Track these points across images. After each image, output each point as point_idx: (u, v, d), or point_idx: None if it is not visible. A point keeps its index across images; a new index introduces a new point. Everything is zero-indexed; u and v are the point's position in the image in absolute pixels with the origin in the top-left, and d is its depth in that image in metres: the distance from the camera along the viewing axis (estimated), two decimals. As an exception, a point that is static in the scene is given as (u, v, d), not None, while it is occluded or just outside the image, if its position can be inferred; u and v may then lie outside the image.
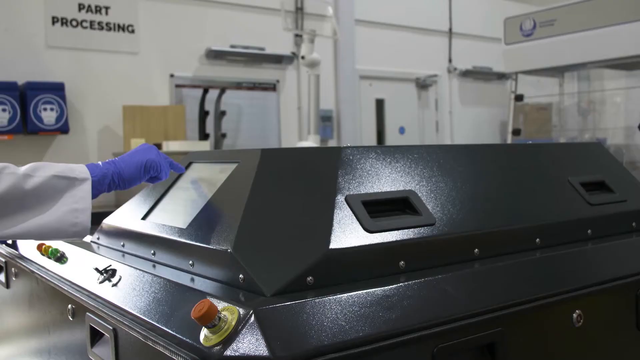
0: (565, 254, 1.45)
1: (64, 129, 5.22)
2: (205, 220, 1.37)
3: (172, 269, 1.41)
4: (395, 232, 1.30)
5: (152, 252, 1.51)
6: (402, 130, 7.97)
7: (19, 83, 5.10)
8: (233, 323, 1.01)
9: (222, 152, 1.68)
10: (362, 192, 1.35)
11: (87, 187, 1.37)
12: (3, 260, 2.14)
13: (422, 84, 8.14)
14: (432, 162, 1.54)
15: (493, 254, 1.41)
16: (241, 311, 1.02)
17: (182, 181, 1.70)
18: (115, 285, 1.39)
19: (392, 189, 1.41)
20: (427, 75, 8.13)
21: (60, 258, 1.73)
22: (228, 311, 1.03)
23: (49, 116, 5.13)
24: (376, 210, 1.33)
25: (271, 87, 6.80)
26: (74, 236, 1.36)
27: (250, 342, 0.98)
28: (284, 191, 1.35)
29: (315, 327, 1.03)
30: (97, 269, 1.48)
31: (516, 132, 5.81)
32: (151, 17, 5.94)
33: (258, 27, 6.60)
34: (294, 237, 1.22)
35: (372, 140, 7.67)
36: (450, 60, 8.37)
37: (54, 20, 5.43)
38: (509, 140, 5.84)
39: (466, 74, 8.49)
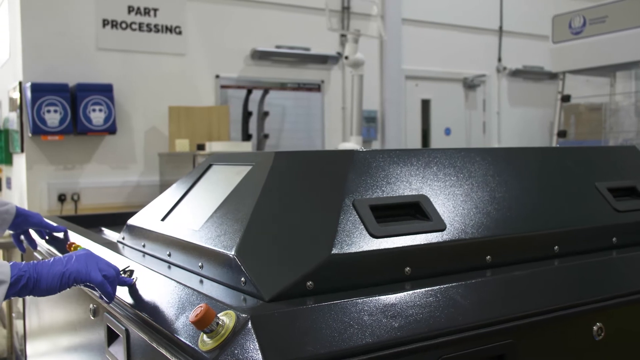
0: (587, 263, 1.40)
1: (111, 130, 5.35)
2: (216, 223, 1.39)
3: (185, 270, 1.44)
4: (402, 237, 1.27)
5: (168, 253, 1.53)
6: (447, 131, 7.86)
7: (70, 85, 5.26)
8: (230, 328, 1.01)
9: (241, 155, 1.70)
10: (372, 196, 1.34)
11: (1, 291, 1.21)
12: (41, 258, 2.22)
13: (470, 84, 8.00)
14: (448, 166, 1.51)
15: (506, 261, 1.37)
16: (238, 317, 1.02)
17: (201, 183, 1.73)
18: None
19: (404, 194, 1.39)
20: (475, 75, 7.99)
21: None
22: (226, 316, 1.03)
23: (97, 117, 5.27)
24: (385, 215, 1.32)
25: (316, 87, 6.80)
26: None
27: (245, 348, 0.97)
28: (293, 194, 1.35)
29: (313, 334, 1.02)
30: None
31: (562, 133, 5.62)
32: (198, 18, 6.03)
33: (303, 27, 6.62)
34: (297, 241, 1.22)
35: (416, 141, 7.59)
36: (499, 60, 8.20)
37: (105, 22, 5.57)
38: (554, 143, 5.67)
39: (516, 73, 8.29)
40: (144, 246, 1.72)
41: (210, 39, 6.10)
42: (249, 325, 0.99)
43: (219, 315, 1.03)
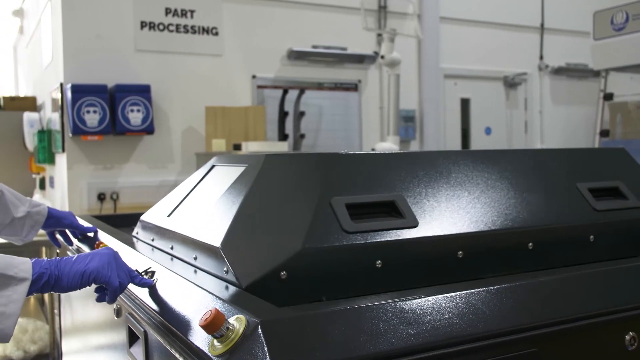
0: (618, 269, 1.34)
1: (149, 130, 5.42)
2: (209, 219, 1.49)
3: (183, 262, 1.54)
4: (373, 233, 1.36)
5: (171, 246, 1.65)
6: (488, 131, 7.72)
7: (109, 86, 5.35)
8: (240, 333, 0.99)
9: (239, 157, 1.78)
10: (350, 196, 1.43)
11: (23, 289, 1.19)
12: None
13: (511, 83, 7.84)
14: (429, 168, 1.58)
15: (479, 256, 1.43)
16: (249, 321, 1.00)
17: (204, 182, 1.84)
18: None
19: (382, 194, 1.47)
20: (516, 74, 7.82)
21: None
22: (237, 321, 1.02)
23: (135, 117, 5.35)
24: (360, 213, 1.40)
25: (353, 87, 6.77)
26: None
27: (254, 354, 0.95)
28: (278, 193, 1.45)
29: (323, 340, 0.99)
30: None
31: (604, 133, 5.44)
32: (234, 19, 6.07)
33: (340, 26, 6.59)
34: (276, 235, 1.33)
35: (456, 141, 7.47)
36: (541, 57, 8.01)
37: (143, 24, 5.65)
38: (597, 143, 5.49)
39: (559, 71, 8.09)
40: (152, 240, 1.84)
41: (246, 39, 6.13)
42: (259, 330, 0.97)
43: (229, 319, 1.02)
